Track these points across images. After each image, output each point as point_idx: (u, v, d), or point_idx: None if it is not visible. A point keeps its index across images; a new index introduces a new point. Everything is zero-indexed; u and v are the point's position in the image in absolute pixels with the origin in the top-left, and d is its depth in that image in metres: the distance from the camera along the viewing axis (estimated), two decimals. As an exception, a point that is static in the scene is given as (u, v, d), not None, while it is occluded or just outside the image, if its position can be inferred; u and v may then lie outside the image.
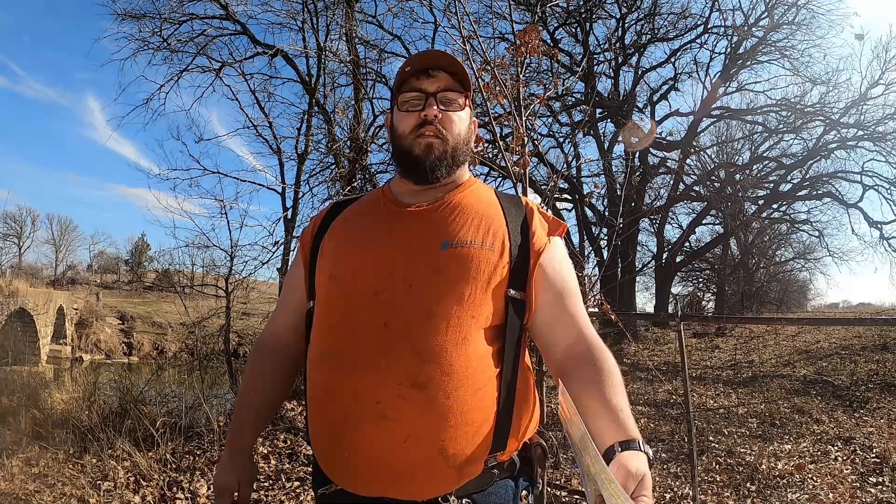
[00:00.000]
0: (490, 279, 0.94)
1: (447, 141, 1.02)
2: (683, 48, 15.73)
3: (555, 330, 0.98)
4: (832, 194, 15.81)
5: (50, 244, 50.35)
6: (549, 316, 0.98)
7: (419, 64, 1.03)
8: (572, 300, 1.00)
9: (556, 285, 0.99)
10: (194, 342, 8.26)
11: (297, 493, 3.71)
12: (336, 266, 1.01)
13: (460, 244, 0.95)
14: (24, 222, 48.59)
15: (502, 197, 1.08)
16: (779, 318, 11.87)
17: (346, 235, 1.05)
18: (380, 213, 1.06)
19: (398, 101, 1.05)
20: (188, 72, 8.77)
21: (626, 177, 10.49)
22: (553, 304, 0.98)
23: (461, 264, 0.93)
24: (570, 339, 0.96)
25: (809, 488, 3.91)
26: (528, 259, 0.99)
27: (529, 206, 1.07)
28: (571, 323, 0.98)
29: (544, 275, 0.99)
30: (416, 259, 0.95)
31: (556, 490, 3.71)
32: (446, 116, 1.02)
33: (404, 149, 1.03)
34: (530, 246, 1.00)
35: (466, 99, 1.06)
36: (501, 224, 1.00)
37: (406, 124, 1.03)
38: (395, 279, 0.93)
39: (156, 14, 8.49)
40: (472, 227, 0.98)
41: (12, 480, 3.68)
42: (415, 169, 1.02)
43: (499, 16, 9.87)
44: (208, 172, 7.69)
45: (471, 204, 1.03)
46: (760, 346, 11.44)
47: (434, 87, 1.02)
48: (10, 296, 20.46)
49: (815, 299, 37.27)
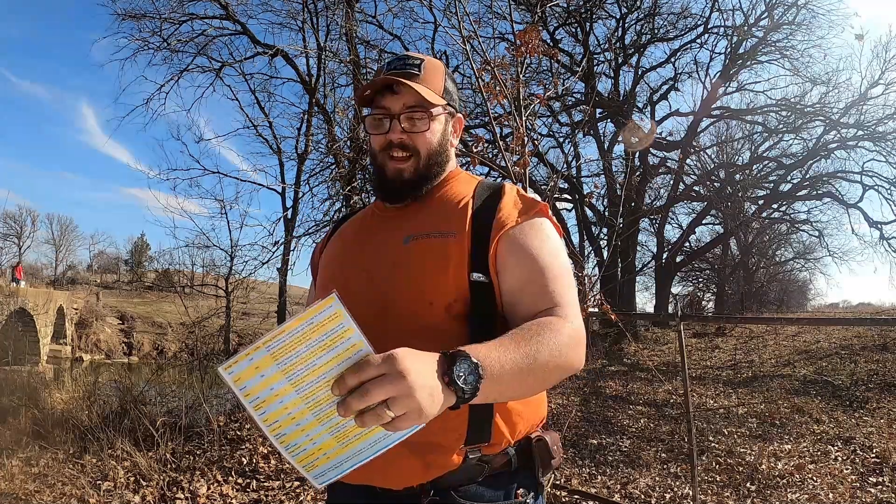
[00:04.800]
0: (447, 265, 0.91)
1: (419, 159, 1.00)
2: (683, 48, 15.72)
3: (519, 306, 0.90)
4: (832, 194, 15.80)
5: (50, 244, 50.36)
6: (516, 294, 0.91)
7: (382, 82, 0.98)
8: (547, 277, 0.90)
9: (523, 262, 0.91)
10: (194, 342, 8.26)
11: (297, 493, 3.71)
12: (329, 273, 1.07)
13: (421, 236, 0.95)
14: (24, 222, 48.61)
15: (482, 185, 1.03)
16: (779, 318, 11.87)
17: (335, 248, 1.10)
18: (365, 222, 1.10)
19: (366, 120, 1.03)
20: (188, 72, 8.79)
21: (626, 177, 10.48)
22: (521, 283, 0.91)
23: (419, 254, 0.93)
24: (535, 310, 0.88)
25: (809, 488, 3.91)
26: (489, 239, 0.93)
27: (505, 188, 1.01)
28: (542, 300, 0.89)
29: (507, 254, 0.92)
30: (380, 256, 0.98)
31: (556, 490, 3.71)
32: (414, 137, 0.99)
33: (377, 167, 1.03)
34: (493, 225, 0.94)
35: (443, 108, 1.01)
36: (466, 210, 0.97)
37: (375, 143, 1.02)
38: (360, 278, 0.97)
39: (156, 14, 8.51)
40: (440, 218, 0.97)
41: (12, 480, 3.68)
42: (384, 190, 1.03)
43: (499, 16, 9.86)
44: (208, 172, 7.74)
45: (443, 197, 1.02)
46: (760, 346, 11.43)
47: (398, 105, 0.98)
48: (10, 296, 20.46)
49: (815, 299, 37.26)
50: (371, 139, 1.04)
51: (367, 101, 1.03)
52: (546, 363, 0.80)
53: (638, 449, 5.10)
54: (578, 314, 0.91)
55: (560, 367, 0.83)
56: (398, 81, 0.97)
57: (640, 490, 4.01)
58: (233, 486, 3.81)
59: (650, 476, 4.29)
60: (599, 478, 4.34)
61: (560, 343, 0.82)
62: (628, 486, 4.12)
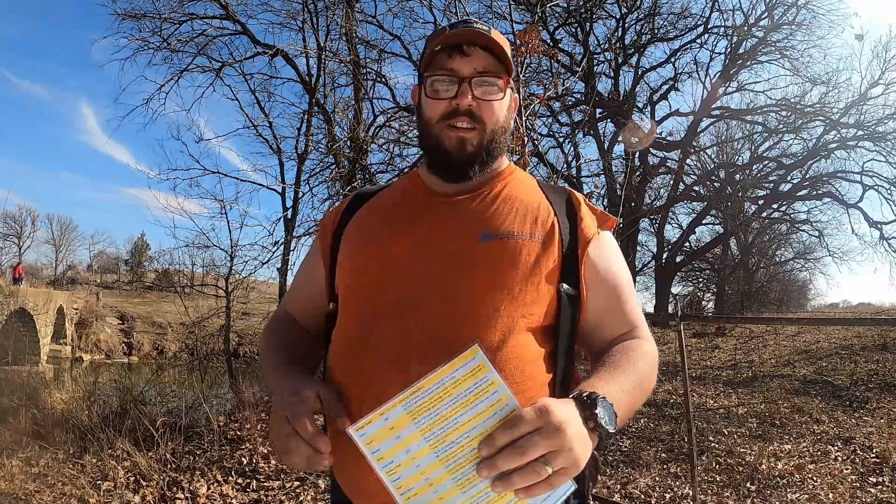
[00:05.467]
0: (539, 273, 0.83)
1: (483, 132, 0.88)
2: (683, 48, 15.74)
3: (603, 329, 0.89)
4: (832, 194, 15.82)
5: (50, 244, 50.35)
6: (600, 313, 0.89)
7: (453, 39, 0.87)
8: (626, 296, 0.90)
9: (608, 279, 0.89)
10: (194, 342, 8.27)
11: (297, 493, 3.71)
12: (358, 264, 0.89)
13: (505, 235, 0.84)
14: (24, 222, 48.60)
15: (545, 187, 0.96)
16: (779, 318, 11.87)
17: (371, 229, 0.92)
18: (410, 204, 0.93)
19: (425, 83, 0.89)
20: (188, 72, 8.78)
21: (626, 177, 10.47)
22: (605, 300, 0.89)
23: (506, 257, 0.82)
24: (620, 332, 0.89)
25: (809, 488, 3.91)
26: (577, 251, 0.88)
27: (576, 195, 0.95)
28: (624, 318, 0.89)
29: (595, 268, 0.88)
30: (453, 253, 0.83)
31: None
32: (483, 105, 0.87)
33: (432, 138, 0.89)
34: (579, 237, 0.89)
35: (507, 82, 0.89)
36: (549, 213, 0.89)
37: (434, 111, 0.88)
38: (431, 275, 0.82)
39: (156, 14, 8.50)
40: (518, 217, 0.86)
41: (12, 480, 3.68)
42: (444, 165, 0.90)
43: (499, 16, 9.84)
44: (208, 172, 7.71)
45: (514, 193, 0.91)
46: (760, 346, 11.43)
47: (469, 68, 0.86)
48: (10, 296, 20.45)
49: (815, 299, 37.26)
50: (427, 107, 0.90)
51: (427, 62, 0.90)
52: (645, 390, 0.82)
53: (638, 449, 5.10)
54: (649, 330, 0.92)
55: (649, 391, 0.84)
56: (474, 39, 0.86)
57: (640, 490, 4.01)
58: (233, 486, 3.81)
59: (650, 476, 4.29)
60: (599, 477, 4.33)
61: (651, 367, 0.84)
62: (628, 486, 4.11)
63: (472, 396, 0.62)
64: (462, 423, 0.63)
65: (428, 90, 0.89)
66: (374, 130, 8.06)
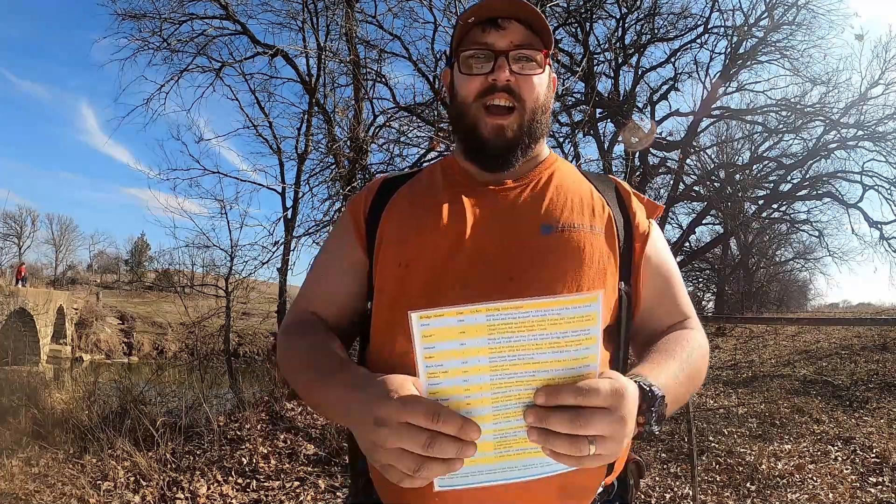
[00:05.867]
0: (605, 269, 0.78)
1: (523, 112, 0.81)
2: (683, 48, 15.69)
3: (654, 318, 0.85)
4: (832, 194, 15.80)
5: (50, 244, 50.38)
6: (653, 307, 0.85)
7: (488, 12, 0.80)
8: (677, 287, 0.87)
9: (662, 273, 0.86)
10: (194, 342, 8.27)
11: (297, 493, 3.71)
12: (406, 253, 0.79)
13: (567, 227, 0.78)
14: (24, 222, 48.62)
15: (591, 176, 0.90)
16: (779, 318, 11.87)
17: (415, 217, 0.83)
18: (452, 190, 0.85)
19: (459, 58, 0.83)
20: (188, 72, 8.77)
21: (626, 177, 10.47)
22: (658, 293, 0.85)
23: (571, 251, 0.76)
24: (670, 323, 0.85)
25: (809, 488, 3.91)
26: (632, 246, 0.84)
27: (623, 186, 0.90)
28: (676, 310, 0.86)
29: (650, 263, 0.85)
30: (514, 245, 0.77)
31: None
32: (523, 80, 0.80)
33: (468, 123, 0.82)
34: (634, 231, 0.84)
35: (546, 56, 0.83)
36: (603, 205, 0.83)
37: (469, 89, 0.81)
38: (489, 269, 0.75)
39: (156, 14, 8.49)
40: (576, 208, 0.81)
41: (12, 480, 3.68)
42: (480, 154, 0.83)
43: (499, 16, 9.87)
44: (208, 172, 7.71)
45: (564, 181, 0.85)
46: (760, 346, 11.44)
47: (505, 42, 0.80)
48: (10, 296, 20.44)
49: (815, 299, 37.31)
50: (461, 85, 0.83)
51: (459, 37, 0.83)
52: (695, 384, 0.79)
53: (638, 449, 5.09)
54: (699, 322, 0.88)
55: (700, 384, 0.81)
56: (510, 10, 0.79)
57: (640, 490, 4.01)
58: (233, 486, 3.81)
59: (650, 476, 4.29)
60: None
61: (704, 359, 0.81)
62: (628, 486, 4.11)
63: (565, 342, 0.56)
64: (538, 362, 0.57)
65: (462, 67, 0.82)
66: (374, 130, 8.05)
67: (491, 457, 0.60)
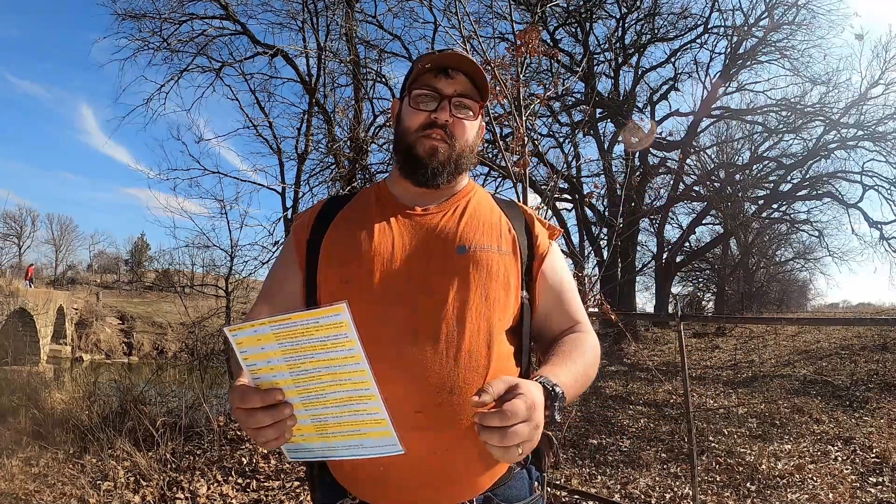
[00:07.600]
0: (509, 282, 0.96)
1: (454, 147, 0.99)
2: (683, 48, 15.71)
3: (551, 322, 1.04)
4: (832, 194, 15.78)
5: (50, 244, 50.40)
6: (549, 312, 1.03)
7: (440, 62, 0.98)
8: (569, 296, 1.06)
9: (556, 285, 1.04)
10: (194, 342, 8.27)
11: (297, 493, 3.71)
12: (348, 272, 0.94)
13: (478, 248, 0.95)
14: (24, 222, 48.65)
15: (501, 202, 1.08)
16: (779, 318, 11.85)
17: (353, 237, 0.98)
18: (384, 215, 1.00)
19: (411, 94, 1.00)
20: (188, 72, 8.77)
21: (626, 177, 10.47)
22: (553, 301, 1.04)
23: (481, 267, 0.94)
24: (564, 327, 1.03)
25: (809, 488, 3.91)
26: (532, 263, 1.03)
27: (528, 212, 1.09)
28: (568, 315, 1.04)
29: (545, 277, 1.03)
30: (435, 264, 0.93)
31: (556, 490, 3.71)
32: (457, 123, 0.99)
33: (408, 145, 1.00)
34: (535, 250, 1.03)
35: (481, 107, 1.03)
36: (509, 228, 1.02)
37: (414, 120, 0.99)
38: (415, 284, 0.91)
39: (156, 14, 8.49)
40: (486, 232, 0.98)
41: (12, 480, 3.68)
42: (415, 170, 0.99)
43: (499, 16, 9.85)
44: (208, 172, 7.70)
45: (477, 209, 1.03)
46: (760, 346, 11.43)
47: (451, 89, 0.98)
48: (10, 296, 20.44)
49: (815, 299, 37.24)
50: (407, 117, 1.00)
51: (414, 78, 1.00)
52: (590, 378, 0.95)
53: (638, 449, 5.10)
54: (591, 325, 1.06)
55: (593, 377, 0.97)
56: (461, 64, 0.98)
57: (640, 490, 4.01)
58: (233, 486, 3.81)
59: (650, 476, 4.29)
60: (599, 478, 4.34)
61: (595, 357, 0.98)
62: (628, 486, 4.12)
63: (331, 344, 0.71)
64: (317, 360, 0.73)
65: (412, 101, 1.00)
66: (374, 130, 8.06)
67: (315, 437, 0.78)
